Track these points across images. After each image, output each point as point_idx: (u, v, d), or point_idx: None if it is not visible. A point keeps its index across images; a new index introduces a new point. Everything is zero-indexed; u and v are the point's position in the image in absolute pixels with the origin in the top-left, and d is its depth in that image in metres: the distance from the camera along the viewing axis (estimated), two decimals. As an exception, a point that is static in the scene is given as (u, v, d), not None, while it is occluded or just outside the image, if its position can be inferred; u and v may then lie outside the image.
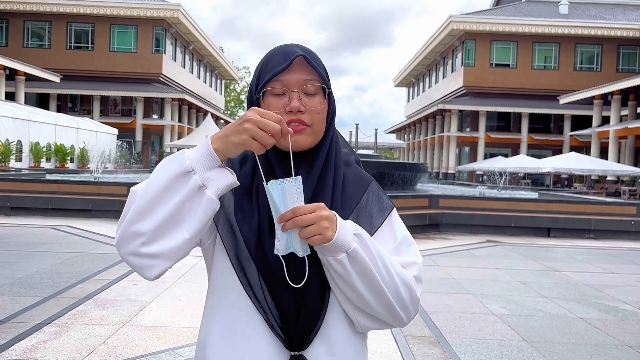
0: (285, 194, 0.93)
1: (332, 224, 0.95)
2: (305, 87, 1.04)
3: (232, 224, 1.05)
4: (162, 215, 0.93)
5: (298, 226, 0.92)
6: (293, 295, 1.01)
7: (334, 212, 0.98)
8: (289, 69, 1.03)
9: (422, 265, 1.10)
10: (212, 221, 1.05)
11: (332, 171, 1.07)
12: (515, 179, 30.13)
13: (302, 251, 0.96)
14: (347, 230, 0.97)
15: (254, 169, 1.08)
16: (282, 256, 0.99)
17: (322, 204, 0.96)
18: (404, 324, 1.07)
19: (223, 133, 0.95)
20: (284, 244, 0.95)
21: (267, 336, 1.03)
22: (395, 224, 1.12)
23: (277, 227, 0.95)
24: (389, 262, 1.02)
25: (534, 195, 15.12)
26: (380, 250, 1.01)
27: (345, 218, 1.04)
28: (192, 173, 0.93)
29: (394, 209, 1.15)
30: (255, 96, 1.06)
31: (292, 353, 1.02)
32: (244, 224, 1.03)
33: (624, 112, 28.57)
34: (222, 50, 50.52)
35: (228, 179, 0.96)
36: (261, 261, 1.01)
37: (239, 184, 0.99)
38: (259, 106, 1.05)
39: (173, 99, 35.34)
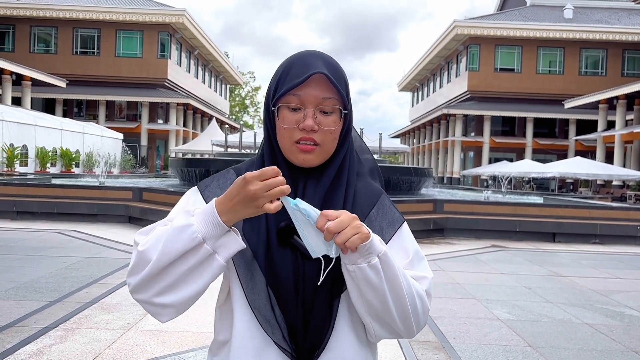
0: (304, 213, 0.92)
1: (360, 222, 0.93)
2: (321, 106, 1.02)
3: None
4: (173, 278, 0.97)
5: (335, 232, 0.90)
6: (301, 307, 1.00)
7: None
8: (308, 83, 1.01)
9: (432, 280, 1.08)
10: None
11: (344, 186, 1.06)
12: (520, 184, 30.05)
13: (334, 252, 0.94)
14: (374, 234, 0.96)
15: None
16: (293, 266, 1.00)
17: (344, 210, 0.94)
18: (413, 335, 1.05)
19: (232, 206, 0.93)
20: (323, 246, 0.93)
21: (276, 350, 1.02)
22: (406, 238, 1.10)
23: (309, 234, 0.93)
24: (407, 275, 1.02)
25: (539, 200, 15.06)
26: (396, 260, 1.00)
27: None
28: (204, 243, 0.95)
29: (405, 223, 1.12)
30: (271, 108, 1.05)
31: None
32: (252, 237, 1.02)
33: (630, 116, 28.47)
34: (227, 55, 50.71)
35: (237, 244, 0.97)
36: (270, 273, 1.00)
37: (245, 247, 0.99)
38: (274, 117, 1.05)
39: (178, 104, 35.47)
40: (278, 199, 0.92)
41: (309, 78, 1.00)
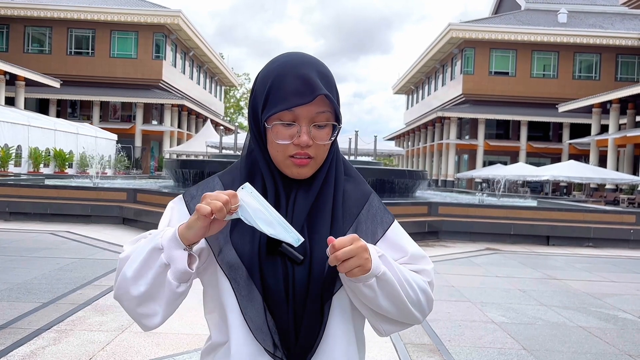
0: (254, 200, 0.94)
1: (369, 253, 0.96)
2: (315, 120, 1.01)
3: (229, 249, 1.04)
4: (142, 288, 0.99)
5: (341, 260, 0.92)
6: (292, 313, 1.00)
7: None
8: None
9: (432, 269, 1.13)
10: (206, 245, 1.05)
11: (332, 187, 1.07)
12: (514, 187, 30.16)
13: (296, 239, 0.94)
14: (374, 254, 0.98)
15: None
16: (282, 273, 1.00)
17: (356, 235, 0.95)
18: (420, 322, 1.10)
19: (188, 221, 0.96)
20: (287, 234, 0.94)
21: (268, 358, 1.02)
22: (398, 235, 1.12)
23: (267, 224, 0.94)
24: (408, 275, 1.05)
25: (533, 203, 15.12)
26: (399, 265, 1.04)
27: (345, 232, 1.04)
28: (162, 250, 0.97)
29: (395, 222, 1.14)
30: (263, 123, 1.03)
31: None
32: (243, 248, 1.02)
33: (623, 120, 28.65)
34: (222, 56, 50.64)
35: (182, 264, 0.96)
36: (260, 281, 1.00)
37: (192, 272, 0.98)
38: (265, 131, 1.04)
39: (173, 105, 35.39)
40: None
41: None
